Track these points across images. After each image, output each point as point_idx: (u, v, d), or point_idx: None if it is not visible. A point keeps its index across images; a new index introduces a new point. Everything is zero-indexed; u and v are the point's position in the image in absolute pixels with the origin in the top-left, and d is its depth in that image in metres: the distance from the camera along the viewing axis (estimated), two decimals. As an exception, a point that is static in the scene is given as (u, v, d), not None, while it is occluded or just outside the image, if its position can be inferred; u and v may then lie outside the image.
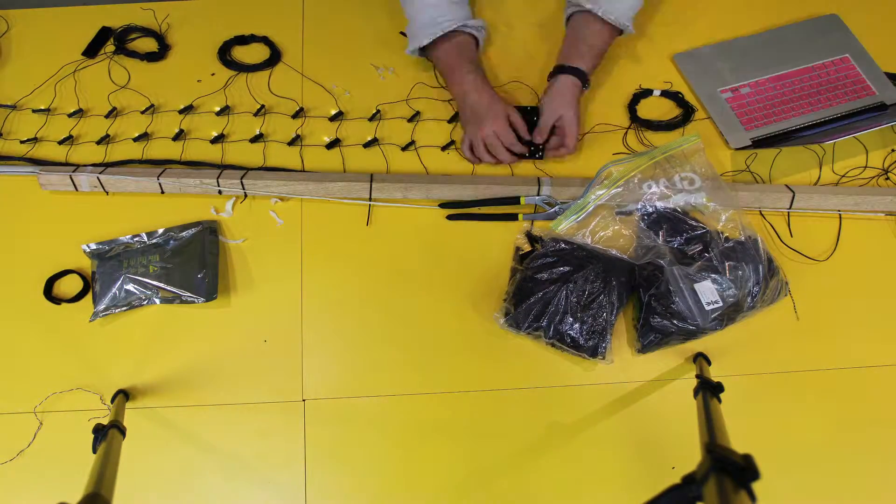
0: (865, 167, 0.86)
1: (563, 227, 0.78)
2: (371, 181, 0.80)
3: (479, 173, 0.85)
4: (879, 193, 0.82)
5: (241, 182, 0.80)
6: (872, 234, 0.83)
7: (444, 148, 0.86)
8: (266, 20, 0.94)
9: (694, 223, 0.77)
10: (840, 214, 0.82)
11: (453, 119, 0.88)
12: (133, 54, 0.92)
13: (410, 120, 0.87)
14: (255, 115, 0.88)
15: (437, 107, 0.89)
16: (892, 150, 0.87)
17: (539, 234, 0.79)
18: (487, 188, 0.80)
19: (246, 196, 0.82)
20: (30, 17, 0.95)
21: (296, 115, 0.88)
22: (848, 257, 0.81)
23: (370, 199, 0.81)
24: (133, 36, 0.94)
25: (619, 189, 0.79)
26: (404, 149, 0.86)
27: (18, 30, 0.94)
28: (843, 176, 0.85)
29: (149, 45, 0.93)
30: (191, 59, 0.92)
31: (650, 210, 0.79)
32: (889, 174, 0.85)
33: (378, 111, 0.88)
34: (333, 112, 0.88)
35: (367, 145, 0.86)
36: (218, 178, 0.80)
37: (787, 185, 0.83)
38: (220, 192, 0.81)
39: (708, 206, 0.78)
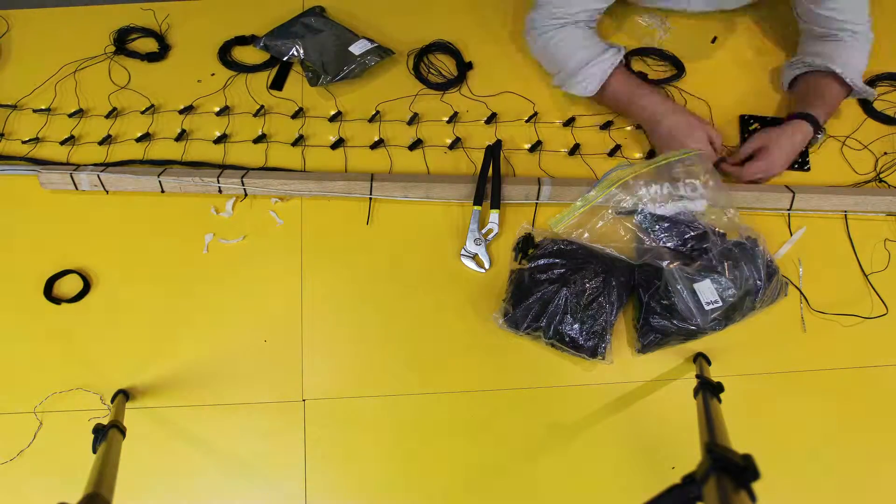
0: None
1: (561, 225, 0.78)
2: (371, 181, 0.80)
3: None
4: (879, 194, 0.82)
5: (242, 181, 0.80)
6: (872, 234, 0.83)
7: (451, 146, 0.86)
8: (266, 21, 0.94)
9: (693, 223, 0.77)
10: (846, 214, 0.82)
11: (452, 119, 0.88)
12: (133, 54, 0.92)
13: (410, 122, 0.88)
14: (255, 115, 0.88)
15: (437, 109, 0.89)
16: (885, 154, 0.87)
17: (538, 234, 0.79)
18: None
19: (246, 195, 0.82)
20: (30, 17, 0.95)
21: (295, 116, 0.88)
22: (847, 256, 0.81)
23: (370, 196, 0.81)
24: (133, 36, 0.94)
25: (620, 190, 0.79)
26: (412, 148, 0.86)
27: (18, 30, 0.94)
28: None
29: (149, 45, 0.93)
30: (191, 60, 0.92)
31: (650, 211, 0.79)
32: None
33: (377, 112, 0.88)
34: (332, 112, 0.88)
35: (373, 146, 0.86)
36: (218, 177, 0.80)
37: (786, 186, 0.83)
38: (220, 190, 0.81)
39: (708, 212, 0.78)
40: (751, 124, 0.88)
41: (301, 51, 0.89)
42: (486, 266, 0.79)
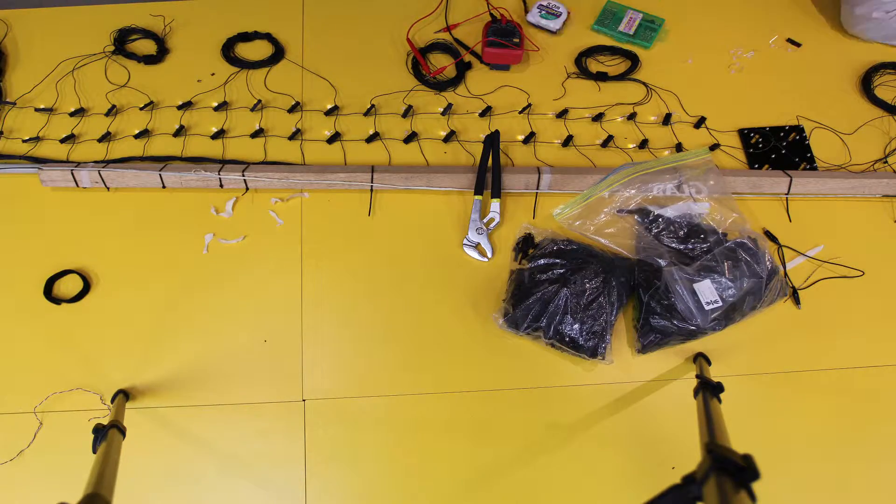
0: None
1: (564, 214, 0.78)
2: (372, 171, 0.81)
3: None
4: (876, 177, 0.83)
5: (243, 174, 0.80)
6: (872, 229, 0.83)
7: (446, 139, 0.86)
8: (269, 17, 0.95)
9: (695, 223, 0.77)
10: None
11: (446, 111, 0.88)
12: (131, 56, 0.92)
13: (405, 115, 0.88)
14: (252, 110, 0.88)
15: (432, 102, 0.90)
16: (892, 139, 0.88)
17: (538, 234, 0.79)
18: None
19: (247, 189, 0.82)
20: (30, 17, 0.95)
21: (292, 110, 0.88)
22: (848, 253, 0.81)
23: (371, 185, 0.81)
24: (134, 37, 0.94)
25: (624, 186, 0.79)
26: (406, 141, 0.86)
27: (19, 29, 0.94)
28: None
29: (148, 47, 0.93)
30: (191, 59, 0.93)
31: (652, 210, 0.79)
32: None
33: (372, 105, 0.88)
34: (329, 106, 0.88)
35: (369, 140, 0.86)
36: (219, 171, 0.80)
37: (783, 171, 0.83)
38: (221, 184, 0.81)
39: (711, 216, 0.78)
40: (751, 138, 0.88)
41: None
42: (489, 255, 0.79)
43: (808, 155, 0.87)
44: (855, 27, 0.94)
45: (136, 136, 0.86)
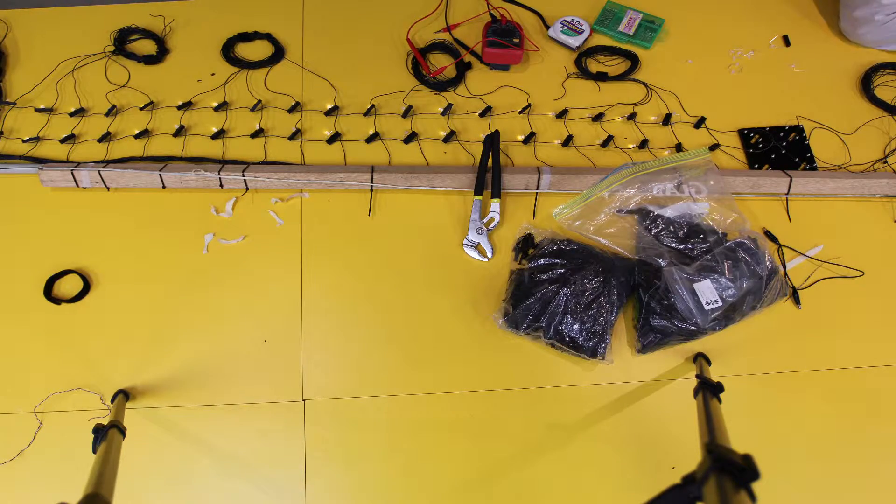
0: None
1: (564, 215, 0.78)
2: (372, 171, 0.81)
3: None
4: (876, 177, 0.83)
5: (243, 175, 0.80)
6: (872, 229, 0.83)
7: (446, 139, 0.86)
8: (269, 17, 0.95)
9: (694, 223, 0.77)
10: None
11: (446, 111, 0.88)
12: (131, 56, 0.92)
13: (405, 115, 0.88)
14: (252, 110, 0.88)
15: (432, 102, 0.90)
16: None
17: (538, 234, 0.79)
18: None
19: (247, 189, 0.82)
20: (31, 17, 0.95)
21: (292, 110, 0.88)
22: (848, 253, 0.81)
23: (371, 185, 0.81)
24: (134, 37, 0.94)
25: (624, 186, 0.79)
26: (406, 141, 0.86)
27: (20, 30, 0.94)
28: None
29: (148, 47, 0.93)
30: (191, 60, 0.93)
31: (652, 210, 0.79)
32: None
33: (373, 105, 0.88)
34: (329, 106, 0.88)
35: (369, 140, 0.86)
36: (219, 171, 0.80)
37: (783, 171, 0.83)
38: (221, 184, 0.81)
39: (711, 216, 0.78)
40: (751, 138, 0.88)
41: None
42: (489, 255, 0.79)
43: (808, 155, 0.87)
44: (855, 31, 0.93)
45: (136, 136, 0.86)
